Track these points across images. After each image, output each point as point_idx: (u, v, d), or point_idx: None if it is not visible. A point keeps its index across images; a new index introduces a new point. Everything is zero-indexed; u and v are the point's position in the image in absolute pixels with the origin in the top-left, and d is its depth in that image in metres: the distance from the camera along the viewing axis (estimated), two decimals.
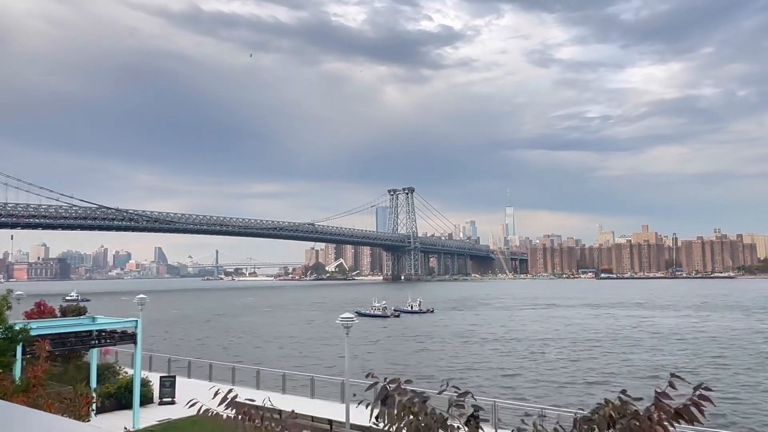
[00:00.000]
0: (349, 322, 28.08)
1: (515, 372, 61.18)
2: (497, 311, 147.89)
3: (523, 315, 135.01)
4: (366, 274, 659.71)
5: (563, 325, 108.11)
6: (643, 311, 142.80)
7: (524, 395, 48.19)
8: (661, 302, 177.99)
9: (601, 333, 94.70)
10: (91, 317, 35.48)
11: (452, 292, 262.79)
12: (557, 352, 75.10)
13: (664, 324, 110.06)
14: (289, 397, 40.62)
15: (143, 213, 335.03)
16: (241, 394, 20.22)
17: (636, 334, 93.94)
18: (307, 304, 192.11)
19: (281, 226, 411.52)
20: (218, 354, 67.09)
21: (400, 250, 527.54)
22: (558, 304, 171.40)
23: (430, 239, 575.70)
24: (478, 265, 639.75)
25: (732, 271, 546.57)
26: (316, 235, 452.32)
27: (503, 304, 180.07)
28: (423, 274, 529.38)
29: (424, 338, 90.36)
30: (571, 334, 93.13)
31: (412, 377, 21.41)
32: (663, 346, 79.13)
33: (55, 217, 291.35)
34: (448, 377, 56.57)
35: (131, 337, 32.86)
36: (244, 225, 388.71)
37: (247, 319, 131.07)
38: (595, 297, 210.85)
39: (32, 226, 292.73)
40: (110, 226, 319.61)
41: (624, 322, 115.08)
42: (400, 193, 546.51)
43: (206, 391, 21.42)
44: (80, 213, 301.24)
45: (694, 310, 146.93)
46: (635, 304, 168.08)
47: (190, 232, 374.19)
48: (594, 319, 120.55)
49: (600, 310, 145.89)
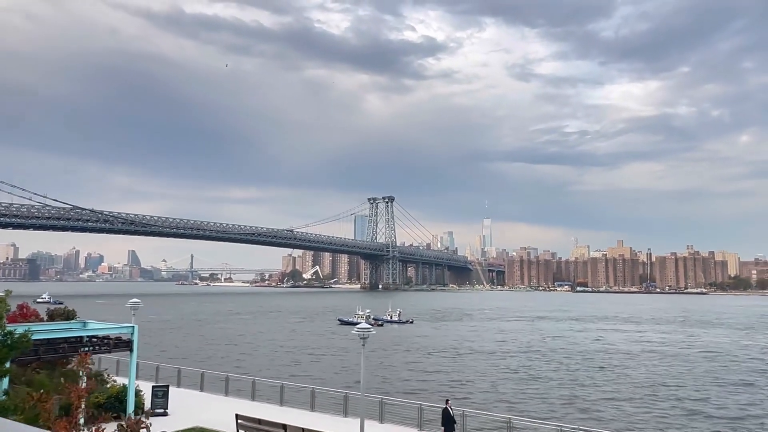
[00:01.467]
0: (365, 332, 26.46)
1: (520, 387, 59.85)
2: (483, 323, 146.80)
3: (510, 327, 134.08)
4: (343, 282, 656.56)
5: (556, 339, 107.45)
6: (630, 326, 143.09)
7: (535, 412, 46.85)
8: (643, 317, 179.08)
9: (598, 348, 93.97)
10: (82, 322, 33.23)
11: (432, 303, 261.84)
12: (556, 366, 74.16)
13: (653, 339, 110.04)
14: (287, 409, 38.67)
15: (119, 215, 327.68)
16: (236, 406, 18.38)
17: (628, 348, 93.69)
18: (288, 311, 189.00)
19: (259, 231, 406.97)
20: (206, 362, 64.57)
21: (379, 259, 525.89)
22: (543, 317, 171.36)
23: (408, 249, 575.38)
24: (456, 275, 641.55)
25: (704, 287, 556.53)
26: (294, 242, 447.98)
27: (487, 315, 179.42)
28: (401, 283, 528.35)
29: (414, 350, 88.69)
30: (565, 348, 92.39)
31: (415, 390, 19.58)
32: (660, 363, 78.75)
33: (27, 217, 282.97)
34: (449, 390, 55.19)
35: (127, 344, 30.74)
36: (221, 230, 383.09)
37: (230, 326, 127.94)
38: (578, 310, 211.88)
39: (2, 226, 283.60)
40: (84, 228, 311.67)
41: (613, 336, 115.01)
42: (380, 201, 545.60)
43: (199, 402, 19.59)
44: (53, 213, 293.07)
45: (678, 325, 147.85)
46: (620, 319, 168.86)
47: (167, 235, 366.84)
48: (583, 333, 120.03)
49: (588, 324, 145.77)
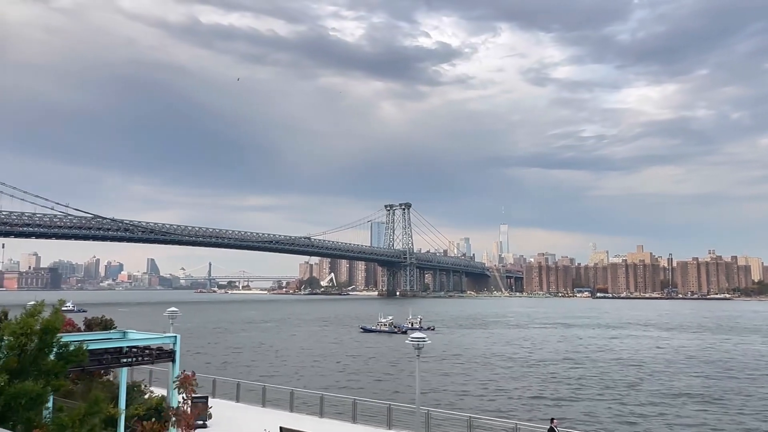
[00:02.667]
0: (420, 342, 25.18)
1: (577, 397, 57.81)
2: (510, 330, 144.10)
3: (541, 335, 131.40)
4: (361, 289, 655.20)
5: (591, 346, 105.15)
6: (661, 332, 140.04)
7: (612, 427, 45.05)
8: (672, 323, 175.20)
9: (638, 355, 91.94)
10: (122, 332, 32.36)
11: (451, 309, 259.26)
12: (602, 373, 72.22)
13: (689, 346, 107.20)
14: (327, 421, 37.50)
15: (138, 224, 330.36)
16: (275, 417, 16.64)
17: (667, 356, 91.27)
18: (310, 319, 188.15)
19: (277, 239, 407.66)
20: (237, 372, 63.60)
21: (396, 265, 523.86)
22: (572, 324, 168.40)
23: (425, 255, 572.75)
24: (474, 282, 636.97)
25: (728, 293, 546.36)
26: (312, 249, 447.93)
27: (512, 322, 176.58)
28: (418, 290, 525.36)
29: (450, 358, 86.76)
30: (606, 356, 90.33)
31: (458, 402, 17.62)
32: (703, 370, 76.53)
33: (49, 226, 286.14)
34: (505, 404, 53.49)
35: (169, 354, 29.74)
36: (240, 237, 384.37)
37: (255, 334, 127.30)
38: (604, 317, 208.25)
39: (26, 235, 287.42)
40: (105, 236, 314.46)
41: (645, 342, 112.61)
42: (396, 208, 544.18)
43: (237, 413, 17.91)
44: (75, 222, 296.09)
45: (711, 332, 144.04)
46: (650, 325, 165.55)
47: (186, 243, 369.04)
48: (617, 341, 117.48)
49: (618, 331, 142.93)
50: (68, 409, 18.96)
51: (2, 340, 15.93)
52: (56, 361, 16.80)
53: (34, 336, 16.17)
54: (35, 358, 16.47)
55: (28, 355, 16.28)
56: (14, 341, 15.85)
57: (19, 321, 16.23)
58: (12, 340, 15.86)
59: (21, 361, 16.23)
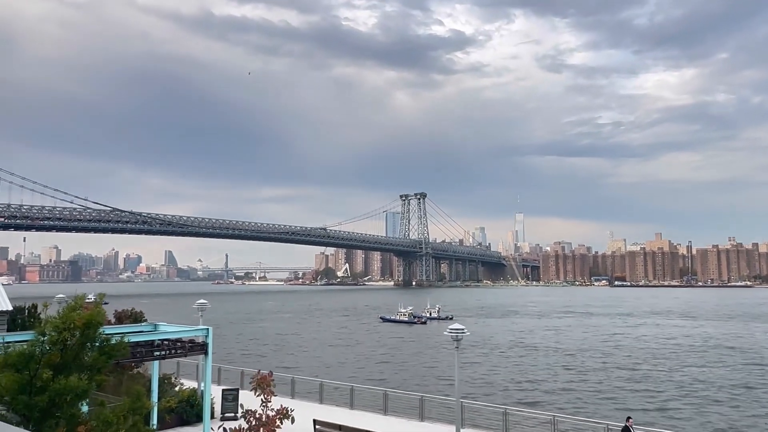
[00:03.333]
0: (459, 334, 24.52)
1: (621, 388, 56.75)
2: (533, 319, 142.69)
3: (564, 324, 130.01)
4: (376, 280, 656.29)
5: (618, 336, 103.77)
6: (689, 321, 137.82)
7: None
8: (697, 312, 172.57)
9: (667, 344, 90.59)
10: (153, 324, 32.13)
11: (469, 299, 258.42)
12: (632, 363, 71.21)
13: (717, 335, 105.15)
14: (358, 413, 37.00)
15: (156, 216, 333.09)
16: (306, 410, 15.74)
17: (701, 344, 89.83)
18: (328, 309, 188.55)
19: (294, 230, 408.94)
20: (261, 363, 63.46)
21: (412, 255, 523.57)
22: (594, 313, 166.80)
23: (441, 245, 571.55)
24: (490, 271, 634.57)
25: (749, 280, 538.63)
26: (328, 240, 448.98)
27: (533, 311, 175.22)
28: (434, 279, 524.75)
29: (473, 347, 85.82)
30: (634, 345, 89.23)
31: (492, 393, 16.63)
32: (738, 359, 75.21)
33: (69, 220, 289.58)
34: (537, 395, 52.68)
35: (201, 347, 29.46)
36: (256, 229, 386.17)
37: (276, 325, 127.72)
38: (626, 305, 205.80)
39: (46, 228, 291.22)
40: (124, 229, 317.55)
41: (673, 331, 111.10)
42: (412, 198, 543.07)
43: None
44: (94, 215, 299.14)
45: (740, 321, 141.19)
46: (674, 314, 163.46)
47: (203, 235, 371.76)
48: (643, 329, 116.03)
49: (642, 320, 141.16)
50: (96, 401, 18.63)
51: (44, 335, 15.53)
52: (98, 355, 16.40)
53: (76, 331, 15.75)
54: (77, 353, 16.08)
55: (71, 350, 15.88)
56: (57, 336, 15.44)
57: (61, 315, 15.82)
58: (54, 335, 15.45)
59: (63, 356, 15.85)
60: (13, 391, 15.23)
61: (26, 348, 15.19)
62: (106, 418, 15.54)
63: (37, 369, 15.33)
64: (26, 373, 15.37)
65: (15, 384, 15.20)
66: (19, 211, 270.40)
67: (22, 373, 15.37)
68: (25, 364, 15.16)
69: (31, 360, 15.24)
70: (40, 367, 15.36)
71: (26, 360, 15.17)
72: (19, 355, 15.00)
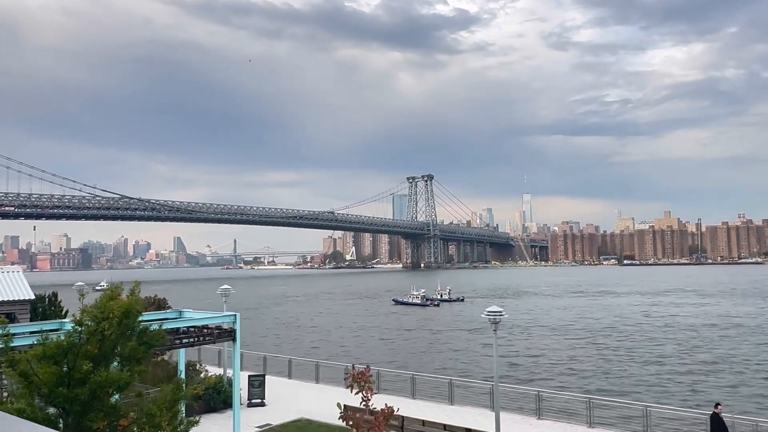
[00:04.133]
0: (497, 316, 23.74)
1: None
2: (548, 300, 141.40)
3: (580, 304, 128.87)
4: (385, 262, 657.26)
5: (641, 315, 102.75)
6: (707, 299, 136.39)
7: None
8: (714, 290, 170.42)
9: (690, 322, 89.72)
10: (177, 311, 31.53)
11: (479, 280, 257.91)
12: (655, 342, 70.58)
13: (739, 313, 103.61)
14: (384, 397, 36.33)
15: (165, 203, 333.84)
16: (331, 394, 14.92)
17: (719, 323, 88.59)
18: (340, 292, 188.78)
19: (301, 214, 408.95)
20: (282, 347, 63.34)
21: (420, 237, 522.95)
22: (608, 291, 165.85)
23: (449, 227, 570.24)
24: (498, 252, 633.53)
25: (759, 257, 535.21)
26: (336, 224, 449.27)
27: (547, 292, 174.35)
28: (443, 261, 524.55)
29: (501, 331, 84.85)
30: (661, 324, 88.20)
31: (530, 377, 15.68)
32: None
33: (78, 208, 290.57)
34: (565, 378, 51.88)
35: (229, 333, 28.88)
36: (264, 214, 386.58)
37: (290, 309, 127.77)
38: (640, 284, 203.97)
39: (56, 217, 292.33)
40: (133, 216, 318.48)
41: (696, 310, 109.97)
42: (419, 180, 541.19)
43: (292, 391, 16.28)
44: (103, 203, 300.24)
45: (761, 297, 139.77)
46: (691, 292, 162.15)
47: (212, 221, 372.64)
48: (666, 308, 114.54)
49: (661, 298, 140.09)
50: (133, 392, 18.03)
51: (82, 325, 14.85)
52: (137, 345, 15.74)
53: (114, 320, 15.06)
54: (115, 344, 15.43)
55: (108, 341, 15.22)
56: (95, 326, 14.76)
57: (98, 305, 15.12)
58: (92, 325, 14.78)
59: (101, 347, 15.19)
60: (51, 384, 14.62)
61: (65, 339, 14.53)
62: (149, 411, 14.93)
63: (75, 361, 14.72)
64: (64, 364, 14.76)
65: (53, 377, 14.58)
66: (29, 200, 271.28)
67: (60, 365, 14.76)
68: (64, 355, 14.52)
69: (70, 351, 14.60)
70: (78, 359, 14.75)
71: (64, 352, 14.52)
72: (58, 347, 14.34)
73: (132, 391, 17.51)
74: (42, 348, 14.23)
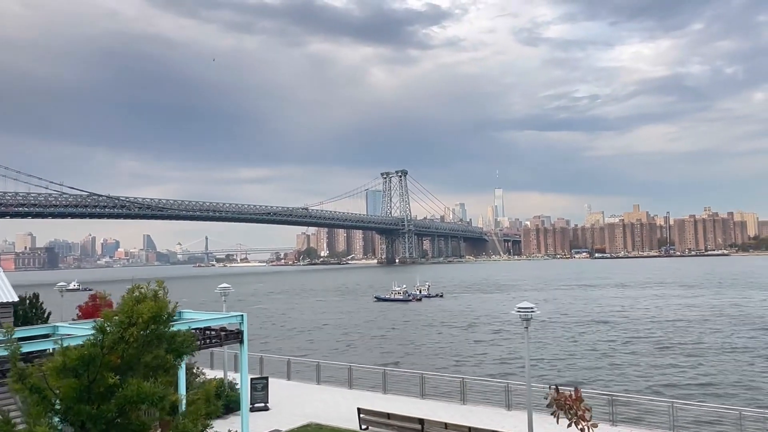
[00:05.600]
0: (528, 313, 22.50)
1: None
2: (529, 293, 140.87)
3: (564, 297, 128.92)
4: (359, 258, 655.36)
5: (621, 307, 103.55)
6: (682, 290, 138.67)
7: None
8: (688, 281, 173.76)
9: (677, 314, 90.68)
10: (177, 312, 29.44)
11: (455, 275, 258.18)
12: (646, 334, 70.66)
13: (718, 304, 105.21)
14: (392, 397, 35.03)
15: (134, 200, 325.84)
16: (336, 395, 14.10)
17: (705, 314, 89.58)
18: (318, 289, 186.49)
19: (275, 211, 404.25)
20: (273, 347, 61.32)
21: (394, 233, 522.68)
22: (588, 285, 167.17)
23: (423, 222, 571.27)
24: (471, 247, 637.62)
25: (725, 249, 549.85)
26: (310, 220, 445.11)
27: (527, 285, 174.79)
28: (417, 256, 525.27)
29: (492, 325, 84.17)
30: (641, 315, 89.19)
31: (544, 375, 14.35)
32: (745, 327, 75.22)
33: (45, 206, 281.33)
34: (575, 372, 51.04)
35: (236, 335, 27.11)
36: (237, 211, 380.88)
37: (271, 306, 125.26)
38: (616, 277, 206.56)
39: (21, 215, 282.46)
40: (102, 214, 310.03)
41: (676, 301, 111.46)
42: (393, 175, 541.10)
43: (295, 393, 14.63)
44: (70, 201, 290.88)
45: (732, 288, 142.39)
46: (668, 283, 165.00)
47: (183, 218, 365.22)
48: (645, 301, 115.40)
49: (639, 291, 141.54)
50: None
51: (104, 332, 12.99)
52: (165, 354, 13.95)
53: (141, 326, 13.24)
54: (140, 352, 13.60)
55: (133, 349, 13.39)
56: (120, 333, 12.93)
57: (124, 308, 13.25)
58: (117, 331, 12.94)
59: (125, 356, 13.36)
60: (69, 400, 12.77)
61: (87, 348, 12.65)
62: (185, 428, 13.20)
63: (96, 372, 12.88)
64: (84, 377, 12.90)
65: (72, 391, 12.73)
66: None
67: (81, 377, 12.90)
68: (86, 367, 12.65)
69: (92, 362, 12.74)
70: (100, 370, 12.91)
71: (86, 362, 12.65)
72: (80, 357, 12.46)
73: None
74: (62, 359, 12.35)
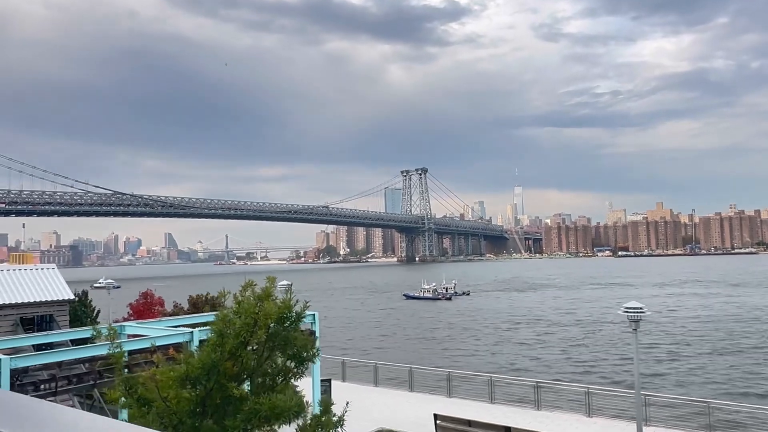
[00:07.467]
0: (638, 313, 20.46)
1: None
2: (566, 291, 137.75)
3: (605, 296, 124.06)
4: (379, 256, 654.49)
5: (667, 306, 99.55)
6: (726, 289, 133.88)
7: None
8: (727, 280, 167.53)
9: (723, 313, 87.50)
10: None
11: (479, 273, 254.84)
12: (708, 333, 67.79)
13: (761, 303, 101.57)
14: (457, 401, 33.21)
15: (158, 198, 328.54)
16: (396, 398, 11.70)
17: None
18: (343, 287, 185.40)
19: (295, 209, 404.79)
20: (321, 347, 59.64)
21: (414, 231, 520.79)
22: (621, 283, 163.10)
23: (443, 220, 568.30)
24: (492, 245, 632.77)
25: (752, 247, 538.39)
26: (331, 218, 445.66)
27: (558, 284, 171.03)
28: (437, 255, 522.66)
29: (535, 327, 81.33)
30: (690, 315, 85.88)
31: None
32: None
33: (70, 204, 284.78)
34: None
35: (309, 335, 25.33)
36: (257, 209, 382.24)
37: None
38: (648, 275, 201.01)
39: (48, 214, 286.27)
40: (126, 212, 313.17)
41: (725, 301, 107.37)
42: (413, 173, 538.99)
43: (356, 396, 11.48)
44: (95, 200, 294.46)
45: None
46: (708, 282, 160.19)
47: (205, 216, 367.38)
48: (688, 300, 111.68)
49: (678, 289, 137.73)
50: None
51: (223, 336, 11.30)
52: (286, 362, 12.25)
53: (263, 329, 11.53)
54: (261, 359, 11.90)
55: (258, 355, 11.70)
56: (244, 336, 11.23)
57: (246, 308, 11.53)
58: (240, 332, 11.25)
59: (244, 363, 11.66)
60: (183, 413, 11.10)
61: (209, 356, 10.96)
62: None
63: (215, 382, 11.20)
64: (202, 388, 11.23)
65: (189, 404, 11.06)
66: (19, 197, 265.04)
67: (197, 388, 11.23)
68: (207, 376, 10.98)
69: (212, 370, 11.06)
70: (218, 379, 11.23)
71: (207, 371, 10.98)
72: (202, 366, 10.77)
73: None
74: (186, 367, 10.66)
